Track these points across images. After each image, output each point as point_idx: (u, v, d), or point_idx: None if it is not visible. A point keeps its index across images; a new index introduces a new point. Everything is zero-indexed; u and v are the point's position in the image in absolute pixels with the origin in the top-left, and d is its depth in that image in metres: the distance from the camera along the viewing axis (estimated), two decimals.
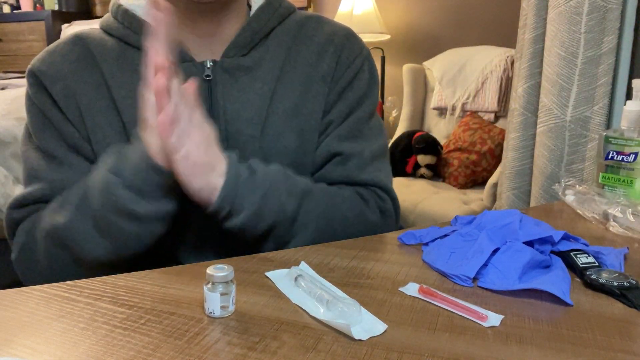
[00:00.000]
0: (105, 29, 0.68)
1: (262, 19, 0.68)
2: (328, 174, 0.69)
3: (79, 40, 0.68)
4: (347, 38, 0.72)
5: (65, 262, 0.61)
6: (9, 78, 2.55)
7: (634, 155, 0.80)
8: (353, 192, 0.69)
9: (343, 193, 0.68)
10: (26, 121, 0.68)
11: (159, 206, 0.57)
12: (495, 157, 2.13)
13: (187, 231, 0.67)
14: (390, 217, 0.71)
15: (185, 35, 0.67)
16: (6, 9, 3.56)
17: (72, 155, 0.66)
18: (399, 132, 2.49)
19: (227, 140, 0.66)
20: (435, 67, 2.54)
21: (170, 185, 0.56)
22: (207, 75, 0.66)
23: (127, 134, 0.64)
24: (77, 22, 3.33)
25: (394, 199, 0.72)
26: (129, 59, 0.66)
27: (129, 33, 0.66)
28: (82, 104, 0.65)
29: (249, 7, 0.71)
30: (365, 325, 0.43)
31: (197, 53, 0.67)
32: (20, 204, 0.65)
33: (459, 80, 2.42)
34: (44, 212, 0.63)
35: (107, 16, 0.69)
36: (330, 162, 0.69)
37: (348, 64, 0.70)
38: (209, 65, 0.66)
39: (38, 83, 0.65)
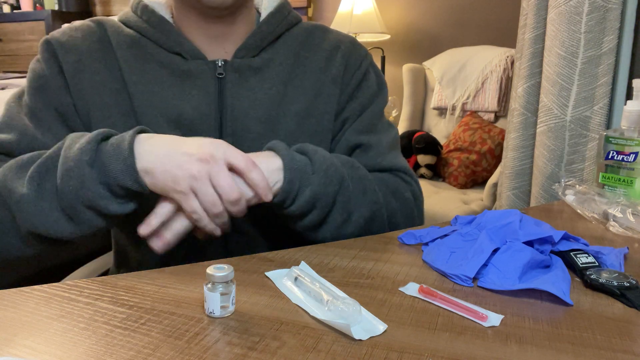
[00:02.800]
0: (123, 22, 0.71)
1: (272, 23, 0.72)
2: None
3: (100, 24, 0.70)
4: (352, 44, 0.77)
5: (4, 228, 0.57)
6: (9, 78, 2.55)
7: (634, 155, 0.80)
8: (378, 176, 0.71)
9: (370, 177, 0.69)
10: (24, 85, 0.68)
11: (129, 207, 0.56)
12: (495, 157, 2.13)
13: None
14: (418, 198, 0.75)
15: (197, 35, 0.69)
16: (6, 8, 3.56)
17: (58, 124, 0.66)
18: (399, 132, 2.49)
19: (234, 136, 0.68)
20: (435, 67, 2.54)
21: (147, 194, 0.55)
22: (220, 74, 0.68)
23: (136, 118, 0.66)
24: (77, 22, 3.33)
25: (417, 181, 0.76)
26: (142, 47, 0.68)
27: (146, 26, 0.69)
28: (93, 81, 0.66)
29: (259, 13, 0.75)
30: (365, 325, 0.43)
31: (208, 52, 0.70)
32: None
33: (459, 80, 2.42)
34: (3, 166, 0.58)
35: (127, 11, 0.72)
36: (351, 154, 0.73)
37: (356, 67, 0.75)
38: (220, 64, 0.68)
39: (50, 50, 0.66)
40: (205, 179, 0.52)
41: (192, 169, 0.52)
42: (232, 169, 0.54)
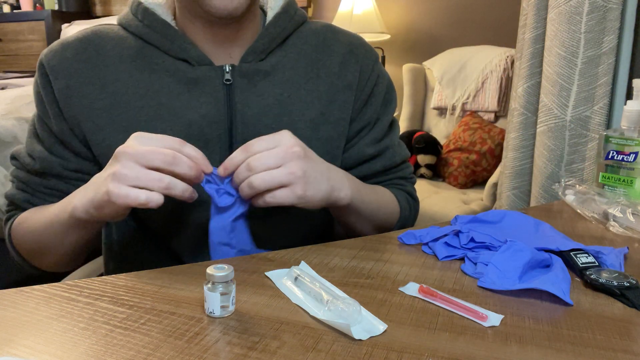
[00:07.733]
0: (124, 26, 0.69)
1: (279, 25, 0.69)
2: (371, 168, 0.76)
3: (95, 37, 0.67)
4: (363, 47, 0.75)
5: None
6: (9, 78, 2.55)
7: (634, 155, 0.80)
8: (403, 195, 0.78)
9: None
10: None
11: None
12: (495, 157, 2.13)
13: (189, 230, 0.67)
14: (416, 205, 0.83)
15: (203, 40, 0.67)
16: (6, 8, 3.56)
17: (58, 146, 0.68)
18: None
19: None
20: (435, 67, 2.54)
21: None
22: (227, 80, 0.66)
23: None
24: (77, 22, 3.33)
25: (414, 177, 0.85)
26: (147, 57, 0.66)
27: (149, 31, 0.66)
28: (81, 106, 0.65)
29: (264, 12, 0.72)
30: (365, 325, 0.43)
31: (215, 57, 0.68)
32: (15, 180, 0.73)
33: (459, 80, 2.42)
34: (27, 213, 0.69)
35: (127, 13, 0.70)
36: (371, 160, 0.76)
37: (369, 71, 0.74)
38: (227, 70, 0.66)
39: (44, 75, 0.66)
40: None
41: None
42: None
